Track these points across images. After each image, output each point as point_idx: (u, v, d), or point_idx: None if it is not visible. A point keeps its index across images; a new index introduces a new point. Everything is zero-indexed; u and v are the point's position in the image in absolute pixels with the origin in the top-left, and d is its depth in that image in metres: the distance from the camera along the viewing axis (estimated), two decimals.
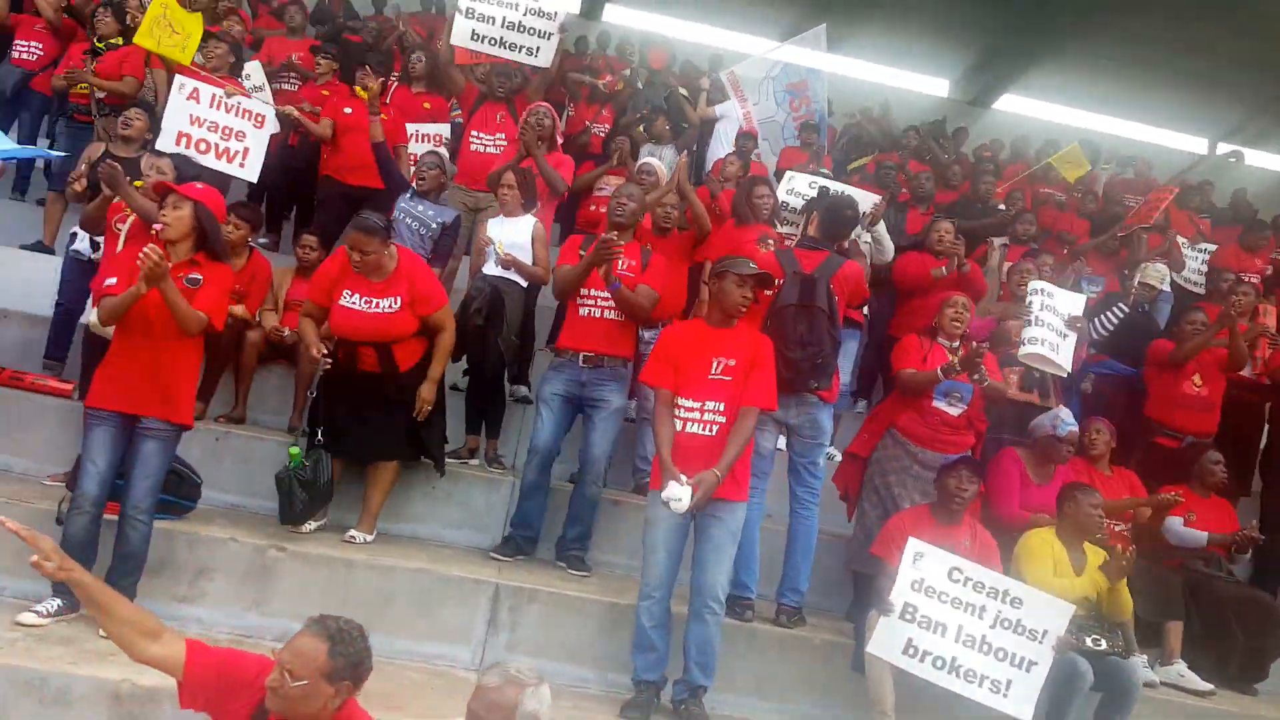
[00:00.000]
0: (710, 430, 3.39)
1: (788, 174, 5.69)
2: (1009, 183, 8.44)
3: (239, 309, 4.64)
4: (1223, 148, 14.63)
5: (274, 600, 3.60)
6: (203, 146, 5.21)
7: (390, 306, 3.88)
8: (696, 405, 3.41)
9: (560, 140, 5.65)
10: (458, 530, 4.36)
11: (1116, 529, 4.59)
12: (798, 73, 8.10)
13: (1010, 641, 3.49)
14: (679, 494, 3.24)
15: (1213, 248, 7.57)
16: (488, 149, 5.60)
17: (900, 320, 5.49)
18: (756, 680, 3.80)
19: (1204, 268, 7.47)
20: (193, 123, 5.19)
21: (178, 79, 5.26)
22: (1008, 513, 4.32)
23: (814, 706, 3.81)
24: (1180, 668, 4.27)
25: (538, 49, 5.76)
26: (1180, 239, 7.55)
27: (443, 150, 5.54)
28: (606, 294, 3.98)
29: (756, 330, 3.62)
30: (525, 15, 5.73)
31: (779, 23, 12.75)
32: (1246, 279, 6.96)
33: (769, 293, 3.74)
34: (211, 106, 5.21)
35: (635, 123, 7.51)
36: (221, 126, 5.24)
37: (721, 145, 7.83)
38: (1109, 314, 6.02)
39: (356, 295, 3.88)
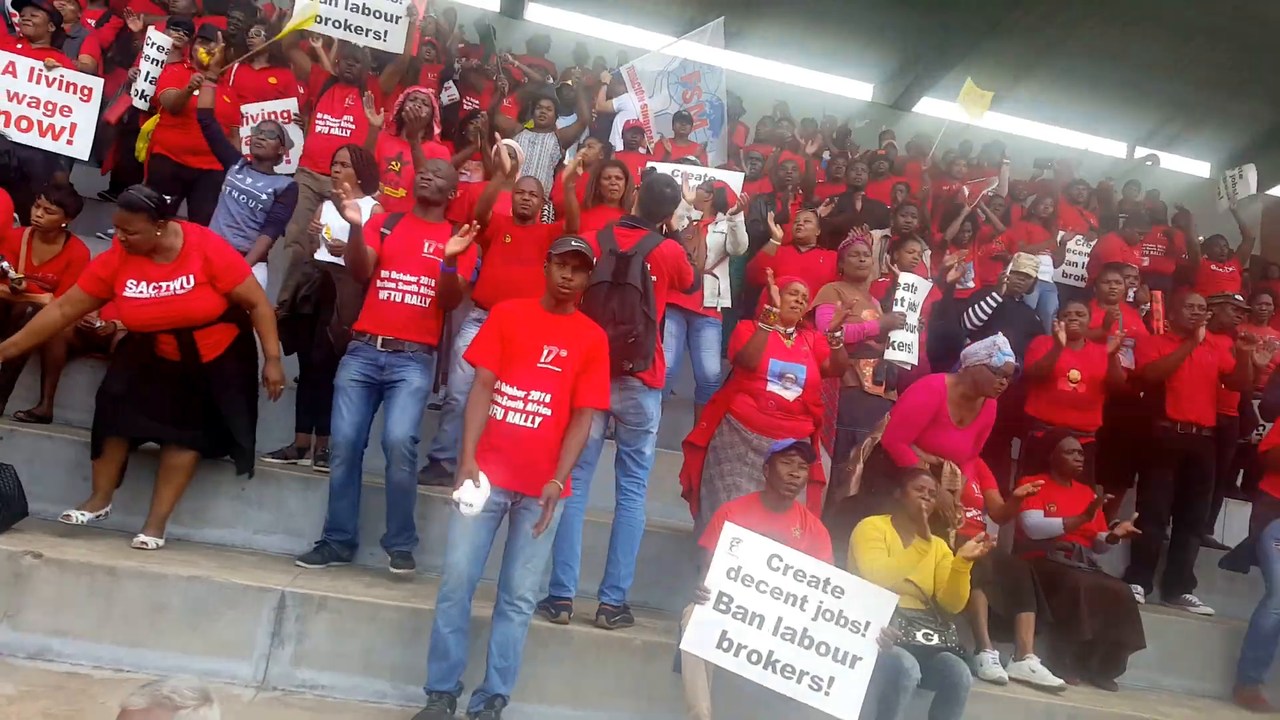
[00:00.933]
0: (532, 422, 3.14)
1: (647, 165, 5.52)
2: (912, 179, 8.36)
3: (46, 298, 4.31)
4: (1140, 152, 14.93)
5: (27, 612, 3.25)
6: (24, 124, 4.88)
7: (182, 287, 3.57)
8: (521, 394, 3.14)
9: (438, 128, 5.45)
10: (269, 536, 4.05)
11: (969, 515, 4.44)
12: (693, 66, 7.98)
13: (833, 634, 3.28)
14: (471, 497, 2.96)
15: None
16: (333, 131, 5.33)
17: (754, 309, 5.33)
18: (571, 687, 3.54)
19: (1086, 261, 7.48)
20: (10, 99, 4.85)
21: None
22: (897, 449, 4.11)
23: (633, 714, 3.56)
24: (1032, 663, 4.09)
25: (385, 33, 5.54)
26: (1075, 234, 7.57)
27: (287, 125, 5.24)
28: (409, 277, 3.72)
29: (593, 322, 3.38)
30: None
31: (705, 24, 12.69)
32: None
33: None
34: (32, 80, 4.88)
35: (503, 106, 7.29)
36: (44, 101, 4.91)
37: (619, 139, 7.66)
38: (982, 304, 5.90)
39: (142, 283, 3.56)
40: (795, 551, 3.36)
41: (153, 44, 5.73)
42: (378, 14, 5.49)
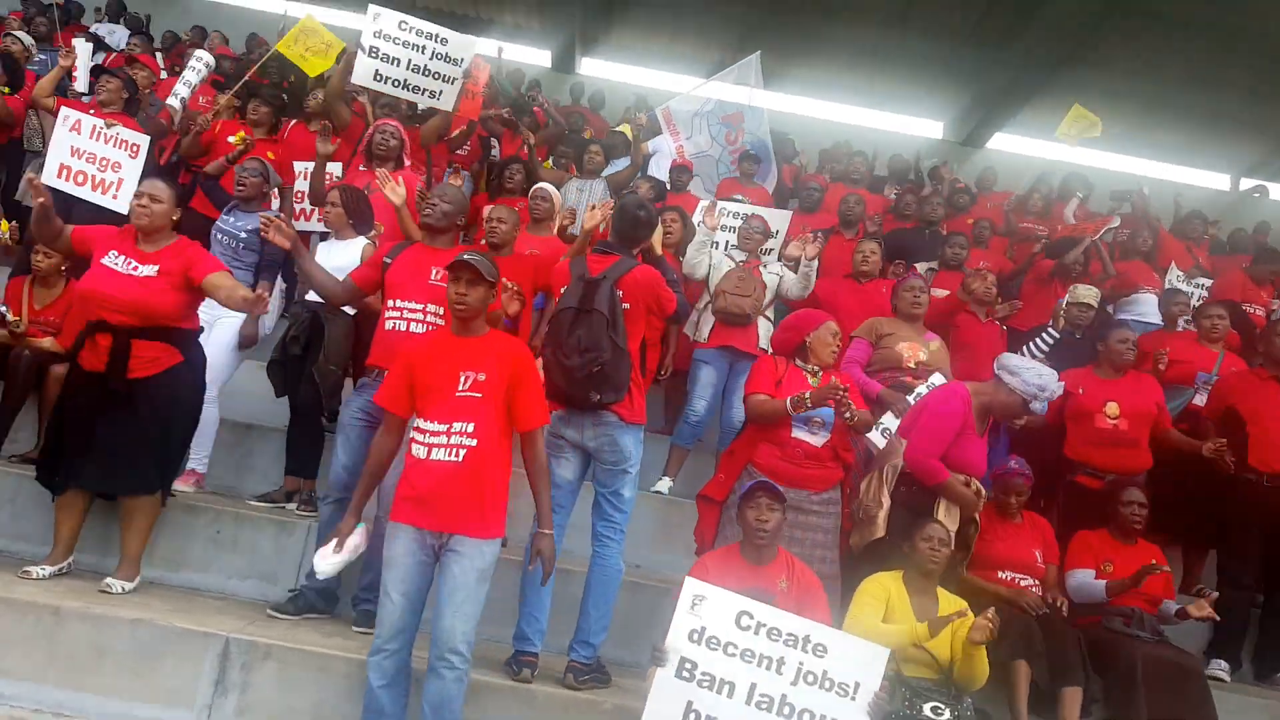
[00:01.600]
0: (456, 455, 2.91)
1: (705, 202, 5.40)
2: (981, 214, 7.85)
3: (47, 342, 4.39)
4: (1246, 183, 13.81)
5: None
6: (80, 179, 5.12)
7: (149, 272, 3.50)
8: (442, 428, 2.93)
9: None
10: (244, 581, 3.92)
11: (1023, 583, 3.95)
12: (732, 107, 7.79)
13: (817, 700, 2.87)
14: (323, 565, 3.05)
15: (1208, 281, 6.87)
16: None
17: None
18: None
19: (1199, 302, 6.78)
20: (73, 154, 5.11)
21: (62, 111, 5.23)
22: (928, 465, 3.64)
23: None
24: None
25: (440, 92, 5.69)
26: (1178, 271, 6.91)
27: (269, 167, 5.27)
28: (415, 305, 3.54)
29: (512, 337, 3.18)
30: (431, 60, 5.64)
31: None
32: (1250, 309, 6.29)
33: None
34: (91, 138, 5.12)
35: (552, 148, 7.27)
36: (99, 158, 5.14)
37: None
38: (1039, 340, 5.40)
39: (121, 257, 3.54)
40: (767, 607, 2.98)
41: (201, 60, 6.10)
42: (437, 75, 5.64)
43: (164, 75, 7.54)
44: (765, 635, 2.93)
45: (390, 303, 3.61)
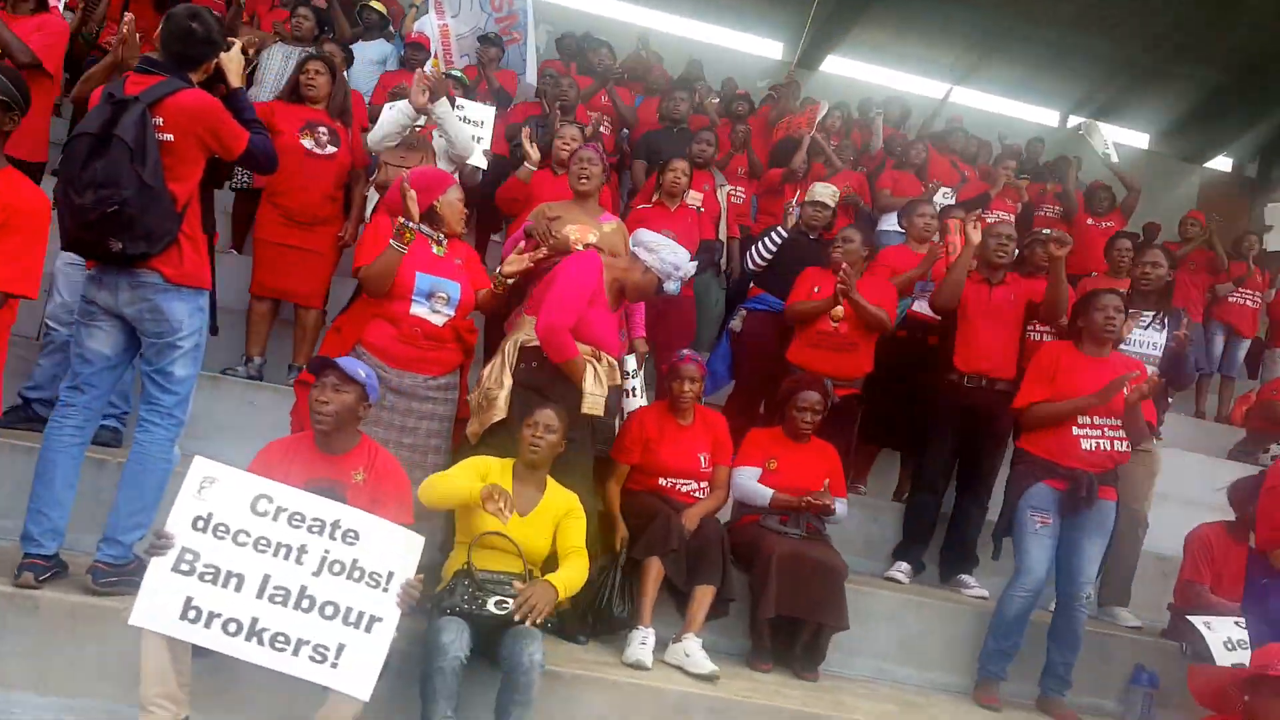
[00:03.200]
0: None
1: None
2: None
3: None
4: (1074, 120, 14.06)
5: None
6: None
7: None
8: None
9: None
10: None
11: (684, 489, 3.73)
12: None
13: (343, 591, 2.49)
14: None
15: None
16: None
17: None
18: (37, 669, 2.74)
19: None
20: None
21: None
22: (559, 338, 3.30)
23: (115, 702, 2.74)
24: (689, 645, 3.29)
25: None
26: (944, 188, 6.79)
27: None
28: None
29: None
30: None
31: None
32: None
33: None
34: None
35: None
36: None
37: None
38: (767, 240, 5.12)
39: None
40: (290, 490, 2.55)
41: None
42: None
43: None
44: (286, 521, 2.52)
45: None
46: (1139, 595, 4.59)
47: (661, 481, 3.74)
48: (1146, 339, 4.42)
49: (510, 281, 3.46)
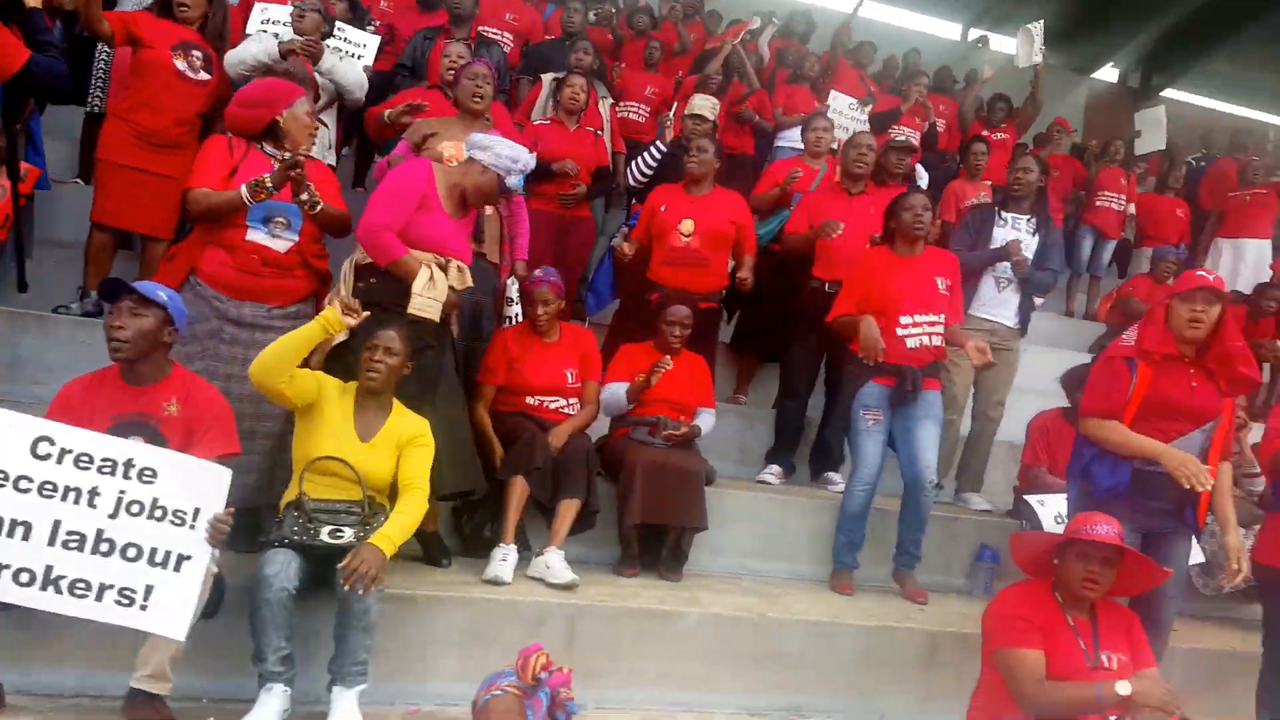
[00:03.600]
0: None
1: None
2: None
3: None
4: (974, 33, 14.19)
5: None
6: None
7: None
8: None
9: None
10: None
11: (552, 406, 3.79)
12: None
13: (145, 532, 2.45)
14: None
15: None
16: None
17: None
18: None
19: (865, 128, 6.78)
20: None
21: None
22: (383, 238, 3.21)
23: None
24: (550, 558, 3.42)
25: None
26: (848, 99, 6.80)
27: None
28: None
29: None
30: None
31: None
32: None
33: None
34: None
35: None
36: None
37: None
38: (645, 156, 5.12)
39: None
40: (74, 430, 2.46)
41: None
42: None
43: None
44: (72, 463, 2.43)
45: None
46: (997, 482, 4.93)
47: (529, 400, 3.80)
48: (1022, 241, 4.63)
49: (315, 205, 3.23)
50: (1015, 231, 4.62)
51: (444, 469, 3.23)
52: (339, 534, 2.79)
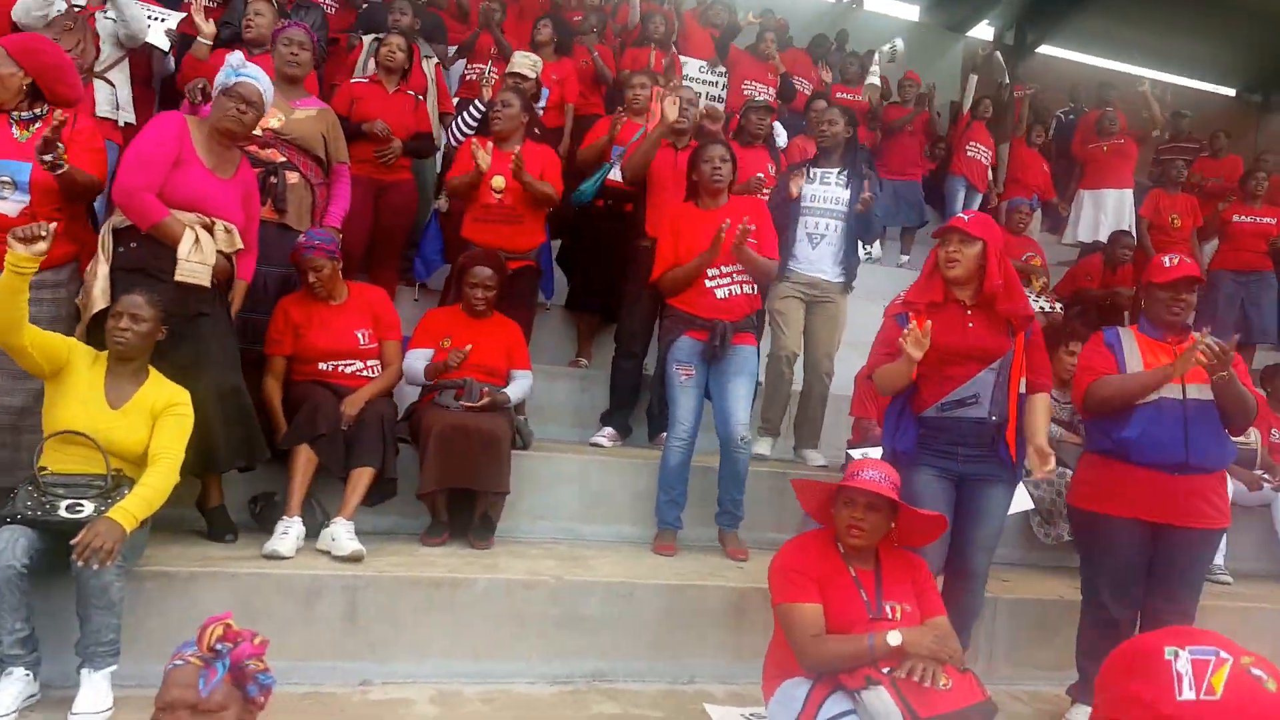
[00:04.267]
0: None
1: None
2: None
3: None
4: None
5: None
6: None
7: None
8: None
9: None
10: None
11: (348, 370, 3.62)
12: None
13: None
14: None
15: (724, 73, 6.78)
16: None
17: None
18: None
19: (723, 91, 6.69)
20: None
21: None
22: (136, 195, 3.02)
23: None
24: (336, 529, 3.24)
25: None
26: (699, 62, 6.68)
27: None
28: None
29: None
30: None
31: None
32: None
33: None
34: None
35: None
36: None
37: None
38: (465, 115, 4.94)
39: None
40: None
41: None
42: None
43: None
44: None
45: None
46: (837, 436, 4.92)
47: (322, 366, 3.62)
48: (832, 194, 4.57)
49: (59, 166, 2.98)
50: (825, 186, 4.57)
51: (219, 441, 3.12)
52: (78, 508, 2.62)
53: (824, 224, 4.54)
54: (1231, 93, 13.43)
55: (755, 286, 3.86)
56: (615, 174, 4.90)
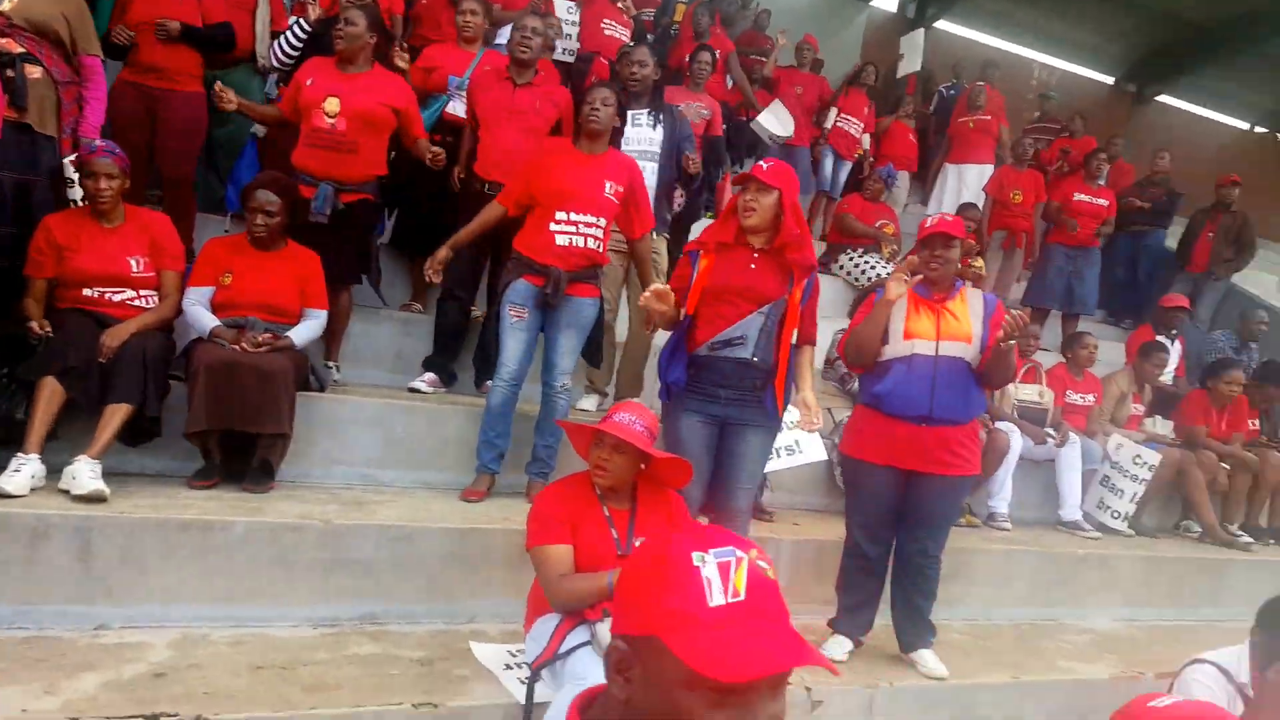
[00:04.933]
0: None
1: None
2: None
3: None
4: None
5: None
6: None
7: None
8: None
9: None
10: None
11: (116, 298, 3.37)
12: None
13: None
14: None
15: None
16: None
17: None
18: None
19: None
20: None
21: None
22: None
23: None
24: (79, 467, 2.97)
25: None
26: (566, 3, 6.44)
27: None
28: None
29: None
30: None
31: None
32: None
33: None
34: None
35: None
36: None
37: None
38: (289, 35, 4.64)
39: None
40: None
41: None
42: None
43: None
44: None
45: None
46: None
47: (87, 293, 3.36)
48: (643, 135, 4.49)
49: None
50: (636, 128, 4.49)
51: None
52: None
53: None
54: (1110, 80, 13.93)
55: (603, 245, 3.75)
56: (453, 106, 4.71)
